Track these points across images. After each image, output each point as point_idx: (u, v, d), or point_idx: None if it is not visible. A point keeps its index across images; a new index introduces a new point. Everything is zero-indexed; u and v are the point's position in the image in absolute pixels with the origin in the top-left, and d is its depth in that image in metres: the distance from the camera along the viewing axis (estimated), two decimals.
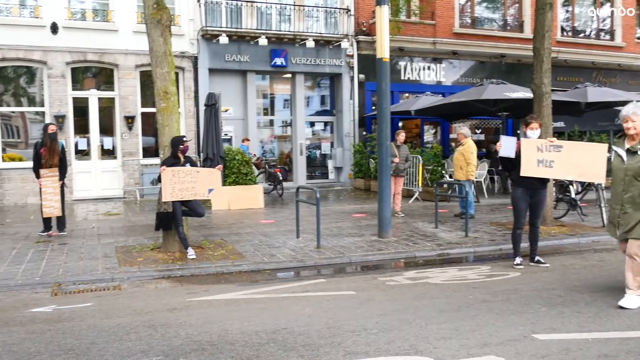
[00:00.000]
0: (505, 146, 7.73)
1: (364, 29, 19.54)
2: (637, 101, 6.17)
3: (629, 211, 5.91)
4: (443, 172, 15.83)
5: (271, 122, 20.18)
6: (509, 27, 22.14)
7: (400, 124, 20.40)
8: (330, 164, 20.37)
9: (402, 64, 20.37)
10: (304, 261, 8.46)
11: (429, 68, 20.92)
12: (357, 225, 11.55)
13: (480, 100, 14.16)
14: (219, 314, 5.85)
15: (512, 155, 7.69)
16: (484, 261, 8.73)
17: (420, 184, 15.24)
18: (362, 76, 19.61)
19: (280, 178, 16.99)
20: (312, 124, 20.55)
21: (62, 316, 5.82)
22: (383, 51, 9.82)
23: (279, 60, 18.45)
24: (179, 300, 6.44)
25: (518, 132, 19.49)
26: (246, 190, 14.22)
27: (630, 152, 5.91)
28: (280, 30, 18.49)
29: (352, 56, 19.54)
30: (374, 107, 19.33)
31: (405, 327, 5.25)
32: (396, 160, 12.27)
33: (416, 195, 15.46)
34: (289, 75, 19.45)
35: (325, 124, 20.74)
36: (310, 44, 18.29)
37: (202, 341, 4.99)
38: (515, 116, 17.60)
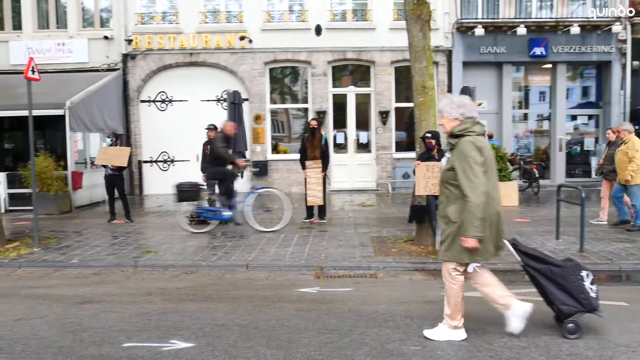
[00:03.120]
0: None
1: None
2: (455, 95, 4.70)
3: (443, 226, 4.76)
4: None
5: (525, 116, 19.14)
6: None
7: None
8: (594, 162, 18.58)
9: None
10: None
11: None
12: (629, 229, 10.34)
13: None
14: (475, 310, 5.68)
15: None
16: None
17: None
18: (636, 63, 17.49)
19: (537, 175, 16.03)
20: (573, 118, 18.99)
21: (326, 298, 6.20)
22: None
23: (538, 50, 17.38)
24: (434, 293, 6.41)
25: None
26: (500, 187, 13.66)
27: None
28: (540, 18, 17.40)
29: (624, 41, 17.55)
30: None
31: None
32: (601, 161, 10.67)
33: None
34: (549, 66, 18.19)
35: (589, 117, 18.99)
36: (574, 30, 16.87)
37: None
38: None
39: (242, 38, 17.05)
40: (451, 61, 17.41)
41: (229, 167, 10.96)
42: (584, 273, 4.94)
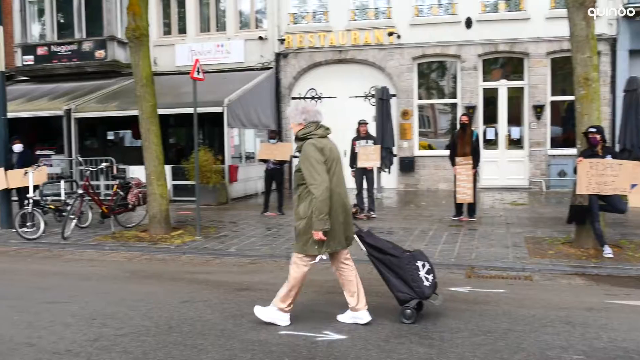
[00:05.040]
0: None
1: None
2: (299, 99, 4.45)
3: (295, 223, 5.16)
4: None
5: None
6: None
7: None
8: None
9: None
10: None
11: None
12: None
13: None
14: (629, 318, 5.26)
15: None
16: None
17: None
18: None
19: None
20: None
21: (478, 298, 6.02)
22: None
23: None
24: (596, 300, 5.99)
25: None
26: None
27: None
28: None
29: None
30: None
31: None
32: None
33: None
34: None
35: None
36: None
37: (627, 348, 4.55)
38: None
39: (390, 34, 17.05)
40: (615, 50, 16.08)
41: None
42: (419, 263, 5.32)
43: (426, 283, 5.25)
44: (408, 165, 17.18)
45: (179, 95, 15.63)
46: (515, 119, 17.03)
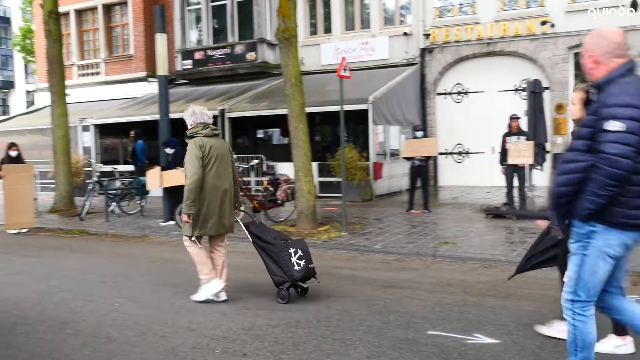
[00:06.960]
0: None
1: None
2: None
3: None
4: None
5: None
6: None
7: None
8: None
9: None
10: None
11: None
12: None
13: None
14: None
15: None
16: None
17: None
18: None
19: None
20: None
21: None
22: None
23: None
24: None
25: None
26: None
27: None
28: None
29: None
30: None
31: None
32: None
33: None
34: None
35: None
36: None
37: None
38: None
39: (543, 23, 16.14)
40: None
41: None
42: (292, 250, 5.94)
43: (297, 268, 5.87)
44: None
45: (324, 93, 15.95)
46: None
